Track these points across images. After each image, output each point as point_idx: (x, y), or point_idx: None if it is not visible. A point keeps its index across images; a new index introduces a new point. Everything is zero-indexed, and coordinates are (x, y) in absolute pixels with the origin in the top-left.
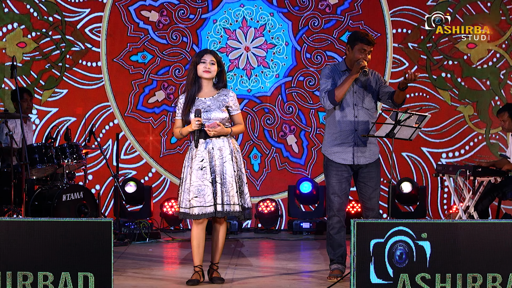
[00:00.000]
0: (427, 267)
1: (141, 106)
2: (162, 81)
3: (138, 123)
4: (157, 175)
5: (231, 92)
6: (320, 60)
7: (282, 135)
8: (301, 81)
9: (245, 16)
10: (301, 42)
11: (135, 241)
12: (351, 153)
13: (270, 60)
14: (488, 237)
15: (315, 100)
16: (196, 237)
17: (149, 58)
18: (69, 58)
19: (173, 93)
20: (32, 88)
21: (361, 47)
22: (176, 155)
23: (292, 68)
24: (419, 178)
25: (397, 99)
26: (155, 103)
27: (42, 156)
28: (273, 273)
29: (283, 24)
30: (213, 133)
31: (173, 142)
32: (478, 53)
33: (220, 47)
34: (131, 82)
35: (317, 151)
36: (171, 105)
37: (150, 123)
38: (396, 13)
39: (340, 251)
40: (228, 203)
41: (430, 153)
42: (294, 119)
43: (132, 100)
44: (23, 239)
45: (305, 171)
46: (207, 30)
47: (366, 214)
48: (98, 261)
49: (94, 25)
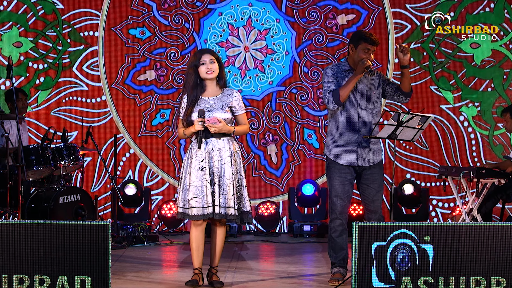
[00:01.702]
0: (429, 271)
1: (130, 81)
2: (156, 61)
3: (123, 97)
4: (135, 156)
5: (235, 92)
6: (317, 76)
7: (264, 142)
8: (294, 93)
9: (251, 15)
10: (301, 54)
11: (133, 244)
12: (355, 155)
13: (267, 66)
14: (491, 240)
15: (303, 116)
16: (195, 240)
17: (147, 35)
18: (67, 58)
19: (163, 75)
20: (28, 88)
21: (365, 47)
22: (154, 138)
23: (288, 78)
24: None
25: (403, 85)
26: (144, 81)
27: (39, 158)
28: (273, 277)
29: (287, 32)
30: (214, 129)
31: (154, 124)
32: (481, 53)
33: (220, 41)
34: (125, 55)
35: (296, 166)
36: (159, 87)
37: (135, 99)
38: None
39: (341, 254)
40: (224, 206)
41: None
42: (279, 130)
43: (122, 73)
44: (19, 242)
45: (280, 184)
46: (211, 21)
47: (368, 216)
48: (95, 264)
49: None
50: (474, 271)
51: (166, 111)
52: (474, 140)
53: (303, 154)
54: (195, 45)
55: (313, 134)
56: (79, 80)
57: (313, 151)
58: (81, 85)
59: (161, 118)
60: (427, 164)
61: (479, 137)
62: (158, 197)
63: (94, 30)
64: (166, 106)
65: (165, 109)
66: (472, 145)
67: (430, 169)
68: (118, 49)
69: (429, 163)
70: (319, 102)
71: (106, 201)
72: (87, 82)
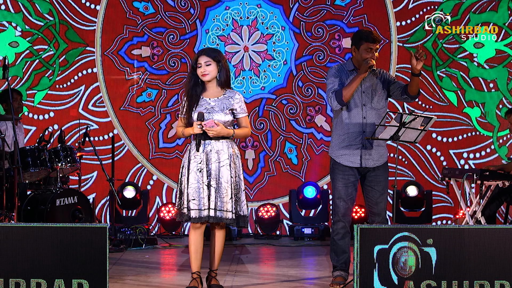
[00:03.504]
0: (432, 274)
1: (123, 53)
2: (153, 39)
3: (113, 67)
4: (110, 124)
5: (237, 94)
6: (310, 93)
7: (243, 146)
8: (283, 104)
9: (258, 17)
10: (299, 67)
11: (131, 247)
12: (359, 156)
13: (263, 70)
14: (495, 243)
15: (288, 129)
16: (194, 243)
17: (150, 11)
18: (63, 58)
19: (158, 55)
20: (24, 89)
21: (367, 46)
22: (135, 115)
23: (280, 88)
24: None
25: (410, 89)
26: (137, 56)
27: (35, 160)
28: (273, 280)
29: (289, 42)
30: (212, 133)
31: (138, 101)
32: (485, 53)
33: (221, 35)
34: (124, 26)
35: (270, 177)
36: (151, 65)
37: (125, 72)
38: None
39: (343, 258)
40: (221, 209)
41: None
42: (261, 137)
43: (117, 43)
44: (16, 245)
45: (250, 191)
46: (217, 12)
47: (372, 219)
48: (93, 267)
49: None
50: (478, 274)
51: (153, 91)
52: (478, 141)
53: (280, 167)
54: (195, 32)
55: (293, 150)
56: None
57: (290, 166)
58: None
59: (146, 97)
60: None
61: (483, 138)
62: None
63: (96, 3)
64: (154, 86)
65: (152, 89)
66: (476, 146)
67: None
68: (118, 18)
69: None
70: (306, 119)
71: (104, 204)
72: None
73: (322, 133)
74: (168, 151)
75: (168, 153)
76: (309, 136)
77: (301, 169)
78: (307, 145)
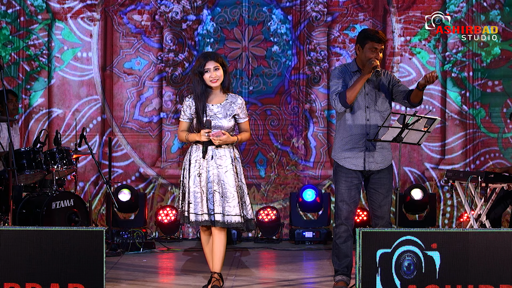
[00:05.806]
0: (436, 279)
1: (123, 14)
2: (156, 9)
3: (111, 26)
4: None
5: (239, 99)
6: (296, 111)
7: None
8: (267, 115)
9: (265, 21)
10: (292, 83)
11: (128, 251)
12: (362, 159)
13: (256, 75)
14: (500, 247)
15: (264, 140)
16: (206, 244)
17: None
18: (59, 57)
19: (157, 28)
20: (19, 89)
21: (372, 46)
22: (119, 79)
23: (268, 97)
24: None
25: (414, 98)
26: (136, 22)
27: (31, 162)
28: (274, 284)
29: (290, 56)
30: (218, 142)
31: (126, 67)
32: (490, 53)
33: (224, 27)
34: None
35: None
36: (147, 35)
37: (120, 35)
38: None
39: (345, 262)
40: (229, 214)
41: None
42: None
43: (119, 4)
44: (10, 249)
45: None
46: (226, 3)
47: (375, 222)
48: (89, 271)
49: None
50: (482, 278)
51: (142, 61)
52: (482, 143)
53: (247, 175)
54: (200, 17)
55: (264, 162)
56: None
57: (256, 177)
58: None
59: (135, 65)
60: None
61: (488, 140)
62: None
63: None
64: (145, 57)
65: (142, 58)
66: (480, 148)
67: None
68: None
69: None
70: (284, 137)
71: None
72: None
73: (296, 156)
74: (142, 125)
75: (141, 126)
76: (283, 154)
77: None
78: (278, 162)
